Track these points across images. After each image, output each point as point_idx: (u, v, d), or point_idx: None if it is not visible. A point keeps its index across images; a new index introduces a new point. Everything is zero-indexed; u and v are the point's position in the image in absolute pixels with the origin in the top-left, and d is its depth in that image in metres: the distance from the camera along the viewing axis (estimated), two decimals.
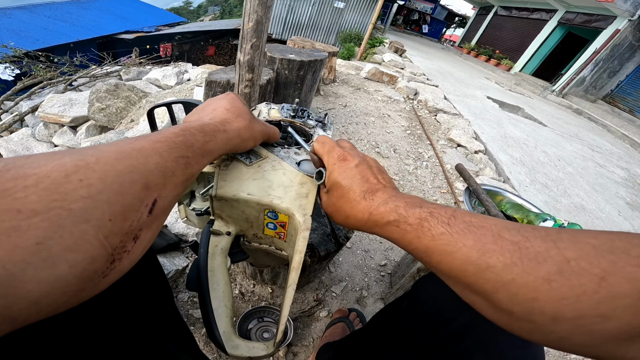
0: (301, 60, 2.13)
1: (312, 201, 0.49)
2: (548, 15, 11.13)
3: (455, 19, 25.06)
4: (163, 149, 0.29)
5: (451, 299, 0.48)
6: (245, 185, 0.49)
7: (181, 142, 0.32)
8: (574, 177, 3.08)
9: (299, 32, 10.96)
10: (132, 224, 0.25)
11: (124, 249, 0.24)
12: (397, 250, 1.51)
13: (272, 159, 0.55)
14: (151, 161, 0.27)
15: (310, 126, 0.70)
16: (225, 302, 0.43)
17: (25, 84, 4.08)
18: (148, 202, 0.26)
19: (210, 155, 0.38)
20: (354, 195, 0.40)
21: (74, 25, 11.36)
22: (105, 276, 0.24)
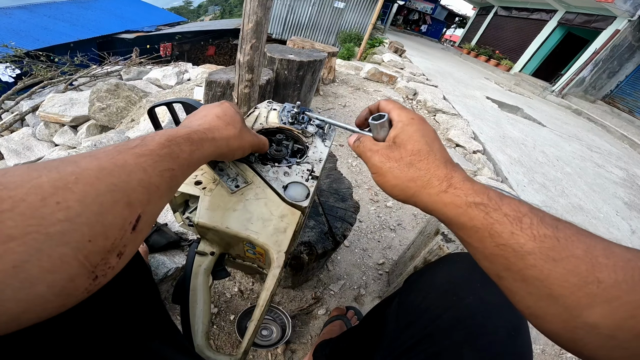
0: (300, 61, 2.14)
1: (289, 236, 0.50)
2: (548, 15, 11.14)
3: (455, 19, 25.06)
4: (147, 164, 0.29)
5: (439, 296, 0.49)
6: (225, 217, 0.50)
7: (166, 154, 0.31)
8: (572, 177, 3.09)
9: (299, 32, 10.97)
10: (115, 242, 0.25)
11: (107, 265, 0.25)
12: (395, 249, 1.52)
13: (257, 185, 0.55)
14: (134, 178, 0.27)
15: (309, 134, 0.69)
16: (203, 319, 0.48)
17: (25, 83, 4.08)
18: (132, 220, 0.26)
19: (196, 165, 0.37)
20: (434, 158, 0.35)
21: (74, 24, 11.34)
22: (89, 291, 0.24)
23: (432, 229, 1.03)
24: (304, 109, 0.73)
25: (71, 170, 0.24)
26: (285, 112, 0.71)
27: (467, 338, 0.43)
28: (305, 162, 0.62)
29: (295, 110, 0.70)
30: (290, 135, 0.67)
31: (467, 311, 0.45)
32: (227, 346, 1.00)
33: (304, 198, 0.55)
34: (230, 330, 1.03)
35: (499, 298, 0.46)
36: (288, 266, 0.98)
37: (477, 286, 0.48)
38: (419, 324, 0.48)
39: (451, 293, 0.49)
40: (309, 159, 0.62)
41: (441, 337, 0.44)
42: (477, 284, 0.48)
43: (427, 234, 1.07)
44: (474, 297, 0.46)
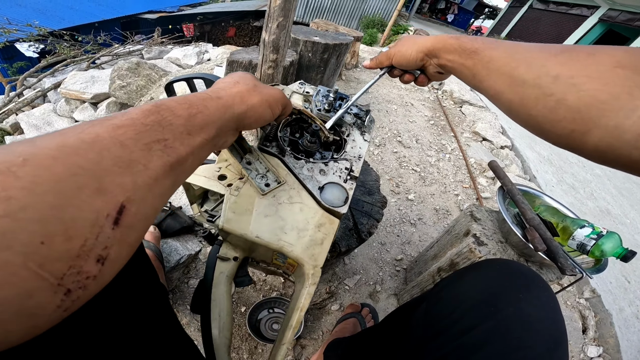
0: (326, 43, 2.04)
1: (326, 249, 0.43)
2: (589, 11, 10.62)
3: (485, 9, 23.89)
4: (127, 136, 0.22)
5: (474, 306, 0.45)
6: (255, 223, 0.43)
7: (154, 122, 0.25)
8: (602, 180, 2.92)
9: (321, 15, 10.70)
10: (87, 244, 0.18)
11: (81, 274, 0.19)
12: (415, 244, 1.45)
13: (291, 186, 0.48)
14: (107, 156, 0.20)
15: (346, 124, 0.60)
16: (225, 333, 0.43)
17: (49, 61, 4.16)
18: (110, 212, 0.20)
19: (203, 131, 0.29)
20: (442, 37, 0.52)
21: (99, 4, 11.46)
22: (66, 310, 0.19)
23: (462, 229, 0.94)
24: (342, 95, 0.63)
25: (21, 150, 0.18)
26: (320, 97, 0.62)
27: (502, 352, 0.40)
28: (343, 158, 0.53)
29: (332, 96, 0.61)
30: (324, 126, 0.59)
31: (504, 324, 0.42)
32: (237, 339, 0.97)
33: (342, 203, 0.47)
34: (241, 323, 0.99)
35: (539, 310, 0.43)
36: None
37: (517, 297, 0.44)
38: (449, 334, 0.45)
39: (487, 303, 0.45)
40: (347, 154, 0.54)
41: (473, 350, 0.41)
42: (517, 294, 0.45)
43: (455, 234, 0.99)
44: (513, 308, 0.43)
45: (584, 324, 1.37)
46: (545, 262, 0.79)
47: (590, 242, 0.77)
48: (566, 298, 1.46)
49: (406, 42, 0.56)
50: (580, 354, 1.25)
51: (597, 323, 1.40)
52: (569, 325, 1.33)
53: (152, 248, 0.90)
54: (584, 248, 0.77)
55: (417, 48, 0.54)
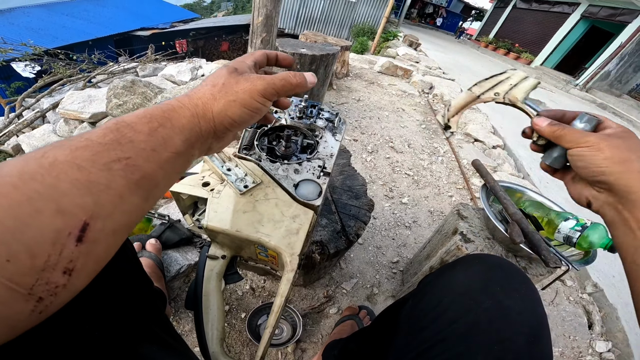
0: (313, 55, 2.10)
1: (302, 238, 0.47)
2: (570, 8, 10.80)
3: (471, 12, 24.35)
4: (84, 158, 0.23)
5: (455, 300, 0.47)
6: (235, 219, 0.48)
7: (112, 141, 0.25)
8: None
9: (311, 26, 10.89)
10: (50, 259, 0.21)
11: (50, 284, 0.21)
12: (410, 247, 1.48)
13: (267, 185, 0.52)
14: (65, 179, 0.22)
15: (318, 128, 0.66)
16: (217, 325, 0.46)
17: (45, 81, 4.20)
18: (71, 230, 0.21)
19: (168, 146, 0.29)
20: None
21: (91, 22, 11.58)
22: (41, 312, 0.21)
23: (450, 228, 0.98)
24: (312, 103, 0.70)
25: None
26: (293, 107, 0.68)
27: (483, 344, 0.41)
28: (316, 157, 0.59)
29: (303, 104, 0.67)
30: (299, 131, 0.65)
31: (485, 316, 0.43)
32: (238, 344, 0.99)
33: (316, 196, 0.52)
34: (241, 329, 1.02)
35: (519, 303, 0.44)
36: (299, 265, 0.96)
37: (496, 290, 0.46)
38: (433, 328, 0.46)
39: (468, 297, 0.46)
40: (319, 154, 0.60)
41: (456, 342, 0.42)
42: (496, 287, 0.46)
43: (444, 233, 1.03)
44: (492, 301, 0.44)
45: (589, 319, 1.38)
46: (533, 257, 0.82)
47: (575, 234, 0.78)
48: (568, 293, 1.47)
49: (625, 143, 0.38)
50: (589, 349, 1.26)
51: (602, 318, 1.40)
52: (574, 321, 1.34)
53: (154, 258, 0.93)
54: (570, 240, 0.78)
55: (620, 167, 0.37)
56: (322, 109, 0.71)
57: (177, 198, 0.59)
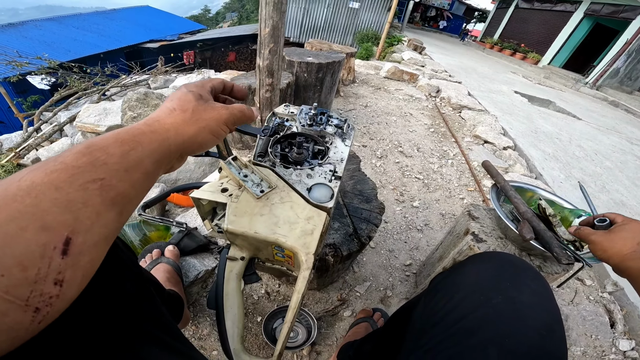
0: (319, 63, 2.15)
1: (316, 238, 0.50)
2: (573, 6, 10.77)
3: (474, 13, 24.31)
4: (60, 180, 0.25)
5: (466, 297, 0.48)
6: (253, 222, 0.51)
7: (87, 164, 0.28)
8: (613, 172, 2.92)
9: (316, 34, 11.02)
10: (40, 271, 0.23)
11: (44, 295, 0.23)
12: (423, 249, 1.48)
13: (281, 189, 0.55)
14: (44, 199, 0.24)
15: (328, 134, 0.69)
16: (237, 324, 0.49)
17: (62, 94, 4.35)
18: (56, 244, 0.24)
19: (140, 166, 0.32)
20: None
21: (101, 35, 11.89)
22: (40, 322, 0.23)
23: (462, 229, 0.99)
24: (321, 110, 0.72)
25: None
26: (303, 115, 0.71)
27: (493, 338, 0.41)
28: (327, 162, 0.62)
29: (313, 112, 0.70)
30: (310, 137, 0.68)
31: (495, 311, 0.44)
32: (254, 347, 1.01)
33: (329, 199, 0.55)
34: (258, 332, 1.04)
35: (530, 298, 0.45)
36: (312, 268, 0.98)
37: (506, 285, 0.47)
38: (443, 324, 0.47)
39: (479, 293, 0.47)
40: (330, 159, 0.63)
41: (465, 337, 0.43)
42: (506, 283, 0.47)
43: (456, 233, 1.03)
44: (503, 297, 0.45)
45: (611, 318, 1.36)
46: (547, 255, 0.82)
47: None
48: (588, 293, 1.46)
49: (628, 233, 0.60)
50: (612, 348, 1.24)
51: (624, 316, 1.38)
52: (595, 320, 1.32)
53: (172, 264, 0.96)
54: None
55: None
56: (331, 115, 0.74)
57: (197, 204, 0.62)
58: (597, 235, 0.62)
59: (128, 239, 1.09)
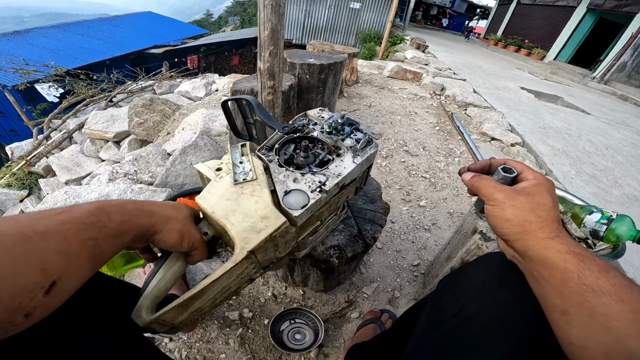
0: (321, 64, 2.14)
1: (261, 238, 0.50)
2: (575, 1, 10.68)
3: (477, 10, 24.14)
4: (69, 232, 0.30)
5: (473, 297, 0.47)
6: (218, 203, 0.53)
7: (92, 223, 0.32)
8: (625, 166, 2.86)
9: (317, 35, 11.04)
10: (22, 303, 0.26)
11: (11, 323, 0.26)
12: (431, 249, 1.47)
13: (259, 183, 0.56)
14: (52, 245, 0.28)
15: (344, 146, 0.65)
16: (162, 286, 0.50)
17: (70, 102, 4.43)
18: (45, 285, 0.27)
19: (125, 235, 0.37)
20: (553, 215, 0.40)
21: (107, 42, 12.04)
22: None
23: (470, 228, 0.98)
24: (350, 121, 0.69)
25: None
26: (330, 121, 0.68)
27: (503, 338, 0.41)
28: (322, 173, 0.60)
29: (340, 121, 0.67)
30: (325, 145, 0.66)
31: (505, 311, 0.43)
32: (262, 350, 1.01)
33: (299, 207, 0.54)
34: (265, 335, 1.03)
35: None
36: (318, 270, 0.97)
37: (516, 285, 0.45)
38: (450, 324, 0.47)
39: (487, 293, 0.47)
40: (327, 171, 0.61)
41: (474, 337, 0.43)
42: (516, 282, 0.46)
43: (464, 233, 1.02)
44: (512, 297, 0.44)
45: None
46: None
47: (602, 227, 0.74)
48: None
49: (521, 197, 0.41)
50: None
51: None
52: None
53: None
54: (597, 234, 0.74)
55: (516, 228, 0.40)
56: (358, 129, 0.69)
57: (201, 177, 0.67)
58: (504, 192, 0.42)
59: None
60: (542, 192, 0.41)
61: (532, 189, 0.42)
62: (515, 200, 0.41)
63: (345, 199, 0.75)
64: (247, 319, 1.07)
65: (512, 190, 0.42)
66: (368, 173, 0.76)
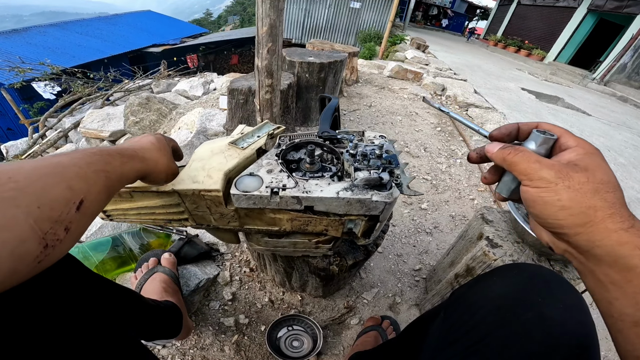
0: (321, 63, 2.11)
1: (188, 187, 0.57)
2: (575, 2, 10.73)
3: (476, 11, 24.17)
4: (81, 163, 0.34)
5: (491, 312, 0.44)
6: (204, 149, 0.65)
7: (98, 160, 0.37)
8: (627, 168, 2.85)
9: (317, 35, 11.02)
10: (62, 215, 0.29)
11: (55, 236, 0.29)
12: (433, 253, 1.43)
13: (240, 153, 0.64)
14: (70, 170, 0.32)
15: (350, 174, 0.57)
16: None
17: (66, 100, 4.38)
18: (75, 200, 0.31)
19: (127, 177, 0.43)
20: (620, 195, 0.31)
21: (105, 40, 12.00)
22: (40, 261, 0.28)
23: (475, 233, 0.94)
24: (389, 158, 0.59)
25: (19, 164, 0.30)
26: (367, 147, 0.60)
27: (520, 356, 0.38)
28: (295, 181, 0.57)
29: (377, 152, 0.58)
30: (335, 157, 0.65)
31: (524, 328, 0.40)
32: (258, 357, 0.97)
33: (241, 189, 0.55)
34: (261, 342, 1.00)
35: (562, 313, 0.41)
36: (318, 277, 0.93)
37: (537, 301, 0.42)
38: (465, 340, 0.44)
39: (506, 308, 0.43)
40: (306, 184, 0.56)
41: (490, 356, 0.40)
42: (537, 298, 0.43)
43: (468, 238, 0.98)
44: (532, 313, 0.41)
45: None
46: (567, 260, 0.77)
47: None
48: None
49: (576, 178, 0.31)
50: None
51: None
52: None
53: (168, 273, 0.93)
54: None
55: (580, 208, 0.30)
56: (392, 171, 0.58)
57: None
58: (554, 167, 0.32)
59: (128, 246, 1.06)
60: (601, 165, 0.32)
61: (587, 162, 0.32)
62: (571, 180, 0.30)
63: (323, 230, 0.64)
64: (243, 325, 1.03)
65: (564, 166, 0.32)
66: (373, 225, 0.63)
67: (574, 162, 0.32)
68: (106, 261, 1.02)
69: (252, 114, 1.86)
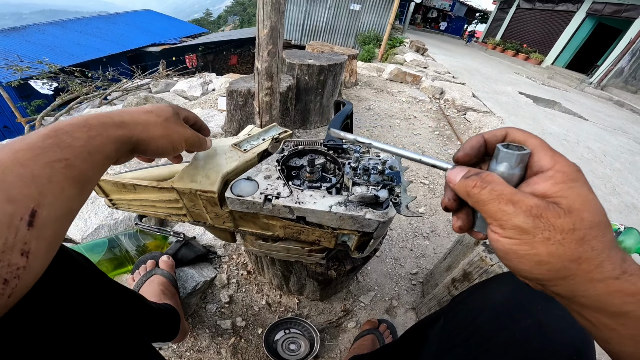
0: (320, 65, 2.11)
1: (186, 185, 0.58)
2: (574, 6, 10.80)
3: (476, 14, 24.30)
4: (25, 157, 0.27)
5: (491, 318, 0.45)
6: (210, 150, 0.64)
7: (52, 145, 0.29)
8: (623, 174, 2.86)
9: (317, 36, 11.03)
10: (8, 241, 0.23)
11: (11, 267, 0.23)
12: (430, 257, 1.44)
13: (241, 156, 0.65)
14: (10, 174, 0.25)
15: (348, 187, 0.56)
16: None
17: (63, 99, 4.35)
18: (22, 215, 0.25)
19: (102, 151, 0.34)
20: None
21: (104, 39, 11.95)
22: (10, 295, 0.23)
23: (472, 239, 0.95)
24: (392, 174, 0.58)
25: None
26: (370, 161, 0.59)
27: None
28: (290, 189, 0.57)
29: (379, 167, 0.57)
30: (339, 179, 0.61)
31: (523, 334, 0.41)
32: None
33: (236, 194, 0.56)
34: (258, 345, 1.00)
35: (561, 321, 0.42)
36: (315, 281, 0.93)
37: (536, 308, 0.43)
38: (465, 346, 0.44)
39: (505, 315, 0.44)
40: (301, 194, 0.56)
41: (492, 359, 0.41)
42: (536, 305, 0.44)
43: (465, 243, 0.99)
44: (532, 319, 0.42)
45: None
46: None
47: None
48: None
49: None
50: None
51: None
52: None
53: (166, 275, 0.93)
54: None
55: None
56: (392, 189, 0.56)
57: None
58: (529, 211, 0.25)
59: (124, 248, 1.05)
60: (587, 200, 0.25)
61: (571, 199, 0.25)
62: (552, 230, 0.24)
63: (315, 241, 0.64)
64: (240, 328, 1.03)
65: (543, 208, 0.25)
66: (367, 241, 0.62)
67: (553, 200, 0.26)
68: (102, 262, 1.01)
69: (251, 116, 1.86)
